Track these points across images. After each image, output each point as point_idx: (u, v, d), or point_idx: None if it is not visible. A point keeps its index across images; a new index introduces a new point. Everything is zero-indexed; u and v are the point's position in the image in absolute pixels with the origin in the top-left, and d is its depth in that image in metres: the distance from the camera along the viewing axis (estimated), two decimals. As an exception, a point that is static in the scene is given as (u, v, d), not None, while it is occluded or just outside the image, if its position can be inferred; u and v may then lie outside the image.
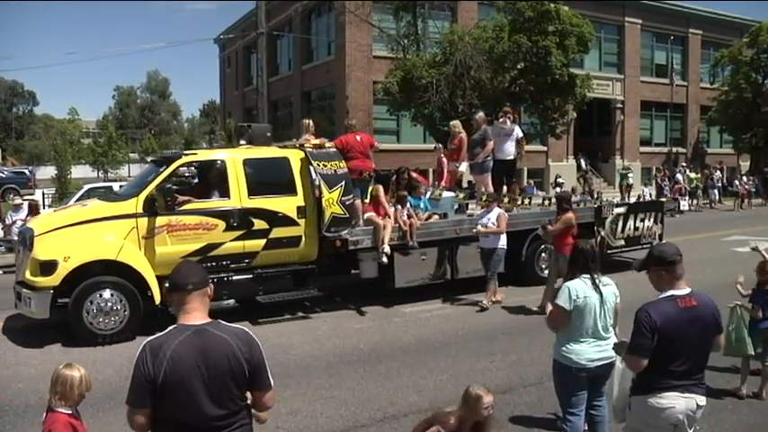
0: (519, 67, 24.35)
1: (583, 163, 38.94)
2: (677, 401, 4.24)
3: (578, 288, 5.36)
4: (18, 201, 17.85)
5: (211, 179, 10.60)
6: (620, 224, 13.88)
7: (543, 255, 12.91)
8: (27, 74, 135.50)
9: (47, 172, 42.61)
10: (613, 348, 4.96)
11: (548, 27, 22.97)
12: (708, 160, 41.27)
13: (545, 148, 36.19)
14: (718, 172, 34.22)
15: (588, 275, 5.41)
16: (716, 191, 32.90)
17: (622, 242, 13.98)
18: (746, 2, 77.19)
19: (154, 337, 3.31)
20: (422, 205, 12.31)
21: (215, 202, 10.43)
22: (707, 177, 33.46)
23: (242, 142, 11.71)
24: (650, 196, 29.15)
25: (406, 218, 11.42)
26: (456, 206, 13.06)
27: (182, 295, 3.38)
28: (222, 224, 10.25)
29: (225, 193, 10.46)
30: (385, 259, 10.95)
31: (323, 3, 34.46)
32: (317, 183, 10.81)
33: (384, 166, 30.92)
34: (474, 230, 11.54)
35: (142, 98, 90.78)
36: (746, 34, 38.59)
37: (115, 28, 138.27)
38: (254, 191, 10.62)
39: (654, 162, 40.79)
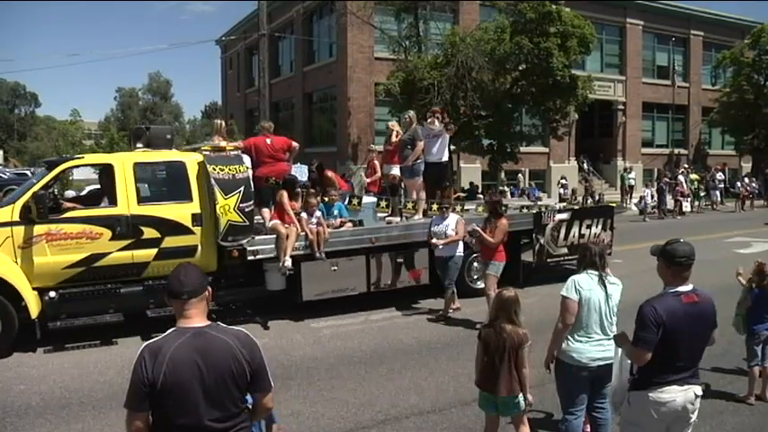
0: (520, 68, 24.36)
1: (584, 164, 38.96)
2: (677, 395, 4.32)
3: (582, 281, 5.39)
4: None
5: (101, 185, 10.08)
6: (563, 231, 13.22)
7: (475, 264, 12.05)
8: (29, 75, 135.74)
9: (49, 173, 42.51)
10: (614, 339, 4.99)
11: (549, 28, 22.96)
12: (710, 162, 41.29)
13: (547, 150, 36.20)
14: (720, 173, 34.25)
15: (596, 271, 5.44)
16: (718, 192, 32.95)
17: (565, 250, 13.29)
18: (748, 2, 77.16)
19: (152, 340, 3.31)
20: (335, 212, 11.56)
21: (99, 210, 9.82)
22: (709, 179, 33.47)
23: (139, 145, 11.02)
24: (652, 198, 29.17)
25: (313, 226, 10.80)
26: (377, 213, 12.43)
27: (178, 303, 3.38)
28: (108, 233, 9.59)
29: (113, 200, 9.84)
30: (288, 266, 10.40)
31: (324, 4, 34.51)
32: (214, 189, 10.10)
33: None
34: (432, 242, 10.87)
35: (144, 100, 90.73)
36: (748, 35, 38.63)
37: (117, 29, 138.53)
38: (144, 197, 10.11)
39: (655, 163, 40.78)
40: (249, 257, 10.40)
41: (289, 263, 10.37)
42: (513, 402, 5.35)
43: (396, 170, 12.97)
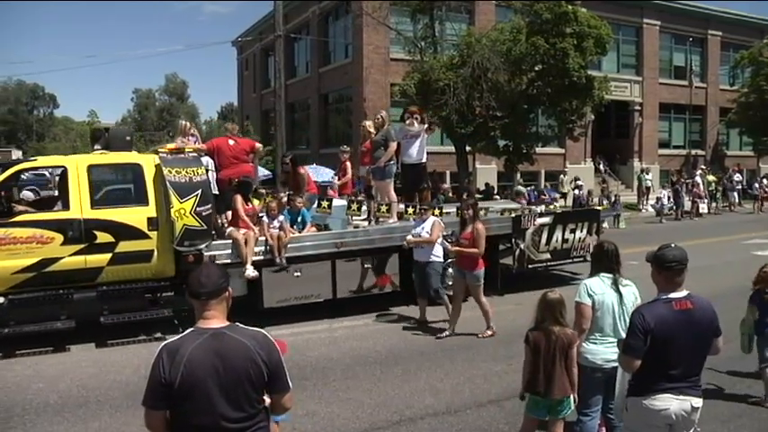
0: (536, 69, 24.24)
1: (601, 165, 38.78)
2: (670, 403, 4.27)
3: (594, 285, 5.41)
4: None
5: (57, 188, 9.84)
6: (545, 236, 12.77)
7: (450, 270, 11.30)
8: (47, 77, 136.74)
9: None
10: (617, 345, 4.99)
11: (565, 29, 22.84)
12: (727, 163, 40.91)
13: (562, 151, 36.04)
14: (738, 174, 33.99)
15: (610, 275, 5.43)
16: (735, 193, 32.72)
17: (547, 255, 12.89)
18: (765, 1, 76.44)
19: (171, 339, 3.34)
20: (298, 219, 11.20)
21: (50, 214, 9.71)
22: (726, 180, 33.24)
23: (97, 147, 10.81)
24: (669, 199, 29.01)
25: (275, 230, 10.53)
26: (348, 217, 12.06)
27: (198, 302, 3.41)
28: (60, 237, 9.41)
29: (66, 204, 9.68)
30: (250, 275, 10.13)
31: (340, 5, 34.55)
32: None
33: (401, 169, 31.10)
34: (404, 242, 10.70)
35: (160, 101, 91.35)
36: (767, 35, 38.24)
37: (134, 31, 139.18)
38: (99, 200, 9.87)
39: (672, 164, 40.49)
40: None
41: (250, 270, 10.12)
42: (566, 403, 5.35)
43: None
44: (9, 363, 9.15)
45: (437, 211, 11.64)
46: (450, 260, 10.99)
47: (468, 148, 27.09)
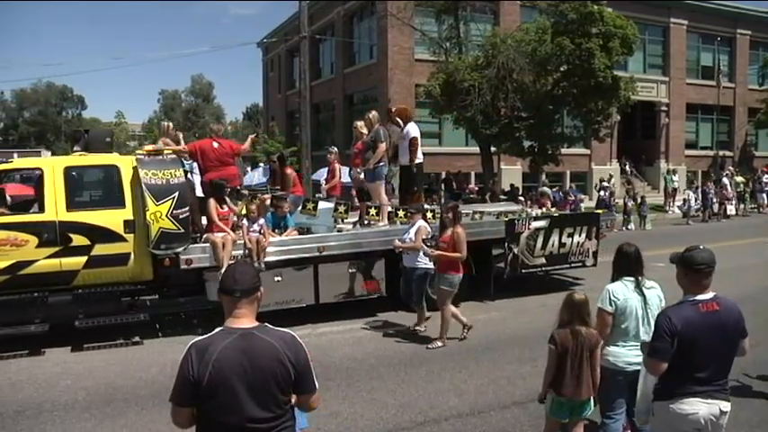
0: (562, 69, 24.12)
1: (626, 167, 38.49)
2: (699, 407, 4.22)
3: (617, 290, 5.38)
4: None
5: (33, 190, 9.81)
6: (541, 240, 12.35)
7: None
8: (75, 78, 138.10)
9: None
10: (640, 348, 4.95)
11: (591, 29, 22.70)
12: (756, 164, 40.40)
13: (588, 152, 35.85)
14: (767, 176, 33.55)
15: (631, 278, 5.40)
16: (764, 195, 32.33)
17: (543, 260, 12.49)
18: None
19: (200, 338, 3.36)
20: (282, 224, 11.04)
21: (25, 216, 9.57)
22: (755, 181, 32.85)
23: (76, 149, 10.74)
24: (696, 201, 28.74)
25: (254, 234, 10.28)
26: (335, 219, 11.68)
27: (230, 300, 3.42)
28: (34, 240, 9.33)
29: (41, 206, 9.59)
30: None
31: (365, 5, 34.61)
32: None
33: (426, 170, 31.06)
34: (393, 245, 10.25)
35: (186, 101, 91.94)
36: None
37: (160, 32, 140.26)
38: (75, 203, 9.73)
39: (699, 166, 40.12)
40: (182, 266, 9.96)
41: None
42: (589, 404, 5.35)
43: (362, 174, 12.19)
44: (39, 360, 9.33)
45: (430, 215, 11.45)
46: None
47: (493, 149, 27.02)
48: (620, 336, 5.35)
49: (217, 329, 3.40)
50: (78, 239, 9.55)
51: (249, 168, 23.96)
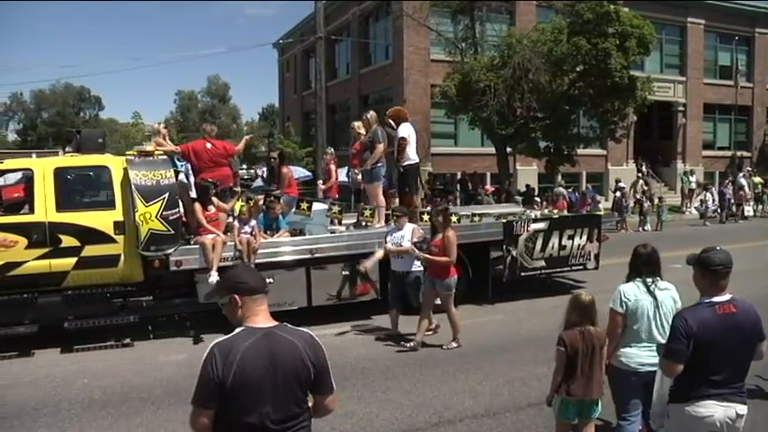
0: (578, 69, 24.08)
1: (643, 167, 38.27)
2: (715, 410, 4.19)
3: (628, 291, 5.36)
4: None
5: (24, 191, 9.84)
6: (540, 242, 12.14)
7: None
8: (93, 79, 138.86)
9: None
10: (656, 350, 4.94)
11: (607, 29, 22.64)
12: (774, 164, 40.11)
13: (604, 152, 35.69)
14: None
15: (641, 279, 5.38)
16: (783, 196, 32.04)
17: (542, 263, 12.27)
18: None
19: (222, 339, 3.32)
20: (273, 226, 10.89)
21: (14, 217, 9.51)
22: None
23: (68, 149, 10.75)
24: (713, 202, 28.56)
25: (245, 235, 10.20)
26: (330, 220, 11.64)
27: (250, 301, 3.40)
28: (24, 241, 9.31)
29: (31, 207, 9.54)
30: (214, 281, 9.63)
31: (380, 5, 34.63)
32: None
33: (442, 170, 31.14)
34: (385, 248, 9.98)
35: (203, 102, 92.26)
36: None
37: (176, 33, 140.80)
38: (65, 204, 9.65)
39: (717, 166, 39.82)
40: (172, 268, 9.89)
41: (215, 276, 9.71)
42: (597, 405, 5.36)
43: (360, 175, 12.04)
44: (56, 358, 9.42)
45: (426, 217, 11.29)
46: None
47: (508, 150, 26.98)
48: (631, 337, 5.33)
49: (237, 329, 3.37)
50: (68, 240, 9.52)
51: (264, 170, 23.99)
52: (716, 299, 4.25)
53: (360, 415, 7.08)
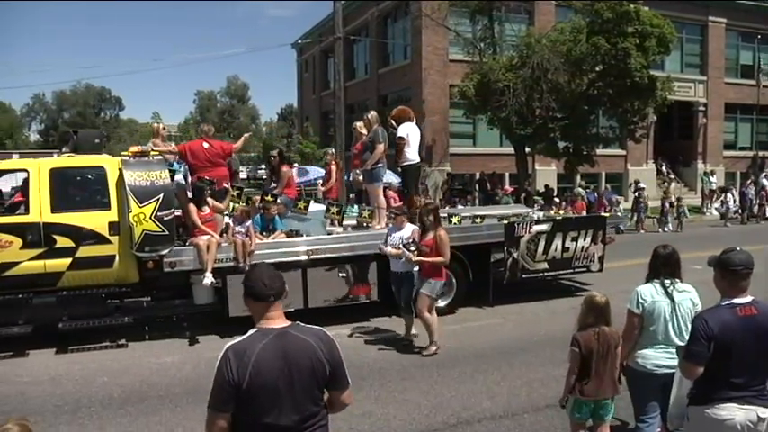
0: (597, 69, 23.95)
1: (663, 168, 38.02)
2: (736, 413, 4.13)
3: (645, 292, 5.33)
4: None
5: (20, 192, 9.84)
6: (542, 244, 11.93)
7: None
8: (113, 80, 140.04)
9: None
10: (676, 352, 4.91)
11: (627, 28, 22.49)
12: (797, 165, 39.66)
13: (624, 153, 35.46)
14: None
15: (659, 280, 5.34)
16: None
17: (545, 265, 12.06)
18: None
19: (236, 341, 3.32)
20: (270, 227, 10.77)
21: (9, 218, 9.51)
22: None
23: (65, 150, 10.74)
24: (734, 203, 28.31)
25: (240, 236, 10.12)
26: (328, 221, 11.44)
27: (262, 305, 3.40)
28: (18, 241, 9.29)
29: (26, 207, 9.54)
30: (208, 283, 9.75)
31: (399, 5, 34.62)
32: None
33: (460, 170, 31.09)
34: (385, 250, 9.75)
35: (222, 102, 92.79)
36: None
37: (196, 34, 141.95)
38: (60, 204, 9.60)
39: (738, 167, 39.43)
40: (166, 269, 9.86)
41: (209, 277, 9.75)
42: (610, 405, 5.36)
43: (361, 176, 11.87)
44: (76, 355, 9.51)
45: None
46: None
47: (527, 150, 26.89)
48: (648, 338, 5.29)
49: (251, 331, 3.38)
50: (63, 241, 9.51)
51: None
52: (736, 300, 4.21)
53: (377, 415, 7.09)
